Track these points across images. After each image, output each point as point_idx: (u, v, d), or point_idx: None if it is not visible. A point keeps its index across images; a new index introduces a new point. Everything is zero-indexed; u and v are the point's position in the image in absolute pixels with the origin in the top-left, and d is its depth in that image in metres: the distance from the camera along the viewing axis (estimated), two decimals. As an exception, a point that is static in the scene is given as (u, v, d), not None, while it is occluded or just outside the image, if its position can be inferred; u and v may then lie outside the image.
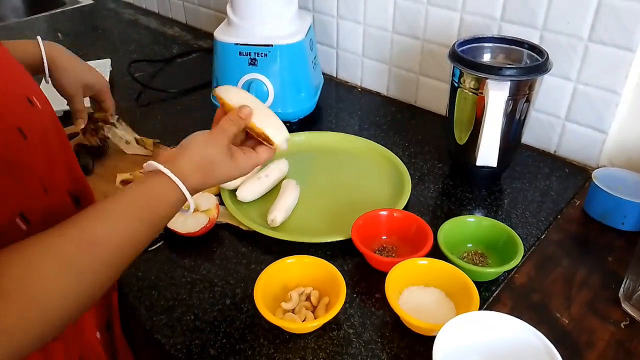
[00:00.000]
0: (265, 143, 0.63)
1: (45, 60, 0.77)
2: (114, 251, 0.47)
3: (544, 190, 0.84)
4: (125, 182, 0.85)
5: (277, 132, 0.64)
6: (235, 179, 0.61)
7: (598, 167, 0.86)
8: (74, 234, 0.45)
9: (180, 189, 0.53)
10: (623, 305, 0.65)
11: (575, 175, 0.87)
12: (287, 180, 0.82)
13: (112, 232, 0.47)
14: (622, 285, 0.65)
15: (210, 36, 0.97)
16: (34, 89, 0.52)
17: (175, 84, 1.16)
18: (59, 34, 1.47)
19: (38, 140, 0.50)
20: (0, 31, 1.51)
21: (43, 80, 0.80)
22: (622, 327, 0.62)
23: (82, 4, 1.70)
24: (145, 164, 0.54)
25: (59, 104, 0.85)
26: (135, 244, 0.49)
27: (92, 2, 1.72)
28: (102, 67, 1.22)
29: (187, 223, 0.74)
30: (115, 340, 0.64)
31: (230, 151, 0.59)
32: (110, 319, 0.64)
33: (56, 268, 0.43)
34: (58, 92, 0.82)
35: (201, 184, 0.56)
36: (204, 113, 1.06)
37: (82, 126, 0.85)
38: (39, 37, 0.78)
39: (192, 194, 0.55)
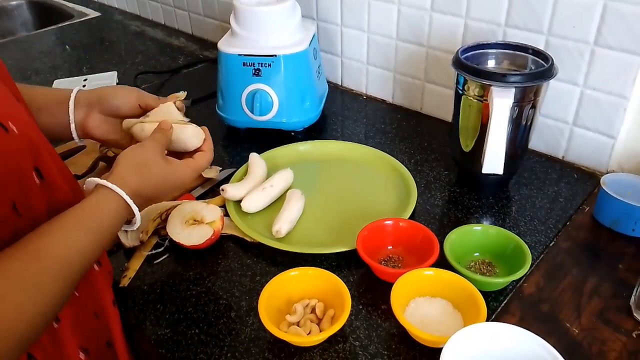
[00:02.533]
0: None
1: (73, 128, 0.71)
2: (60, 262, 0.48)
3: (553, 196, 0.83)
4: (101, 157, 0.91)
5: (194, 139, 0.70)
6: (180, 186, 0.65)
7: (607, 173, 0.85)
8: (20, 251, 0.46)
9: (119, 195, 0.56)
10: (634, 314, 0.63)
11: (584, 181, 0.86)
12: (292, 191, 0.82)
13: (55, 243, 0.49)
14: (634, 294, 0.64)
15: (216, 46, 0.98)
16: (11, 114, 0.50)
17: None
18: (67, 47, 1.49)
19: (12, 166, 0.49)
20: (11, 45, 1.53)
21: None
22: (634, 336, 0.61)
23: (89, 17, 1.72)
24: (85, 183, 0.58)
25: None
26: (82, 254, 0.51)
27: (99, 14, 1.74)
28: (109, 79, 1.23)
29: (191, 235, 0.73)
30: (119, 356, 0.64)
31: (164, 155, 0.64)
32: (110, 338, 0.64)
33: (6, 287, 0.43)
34: (124, 110, 0.74)
35: (139, 185, 0.59)
36: (211, 123, 1.05)
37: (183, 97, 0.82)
38: (71, 103, 0.70)
39: (134, 199, 0.57)
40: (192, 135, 0.70)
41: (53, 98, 0.71)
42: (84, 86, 1.19)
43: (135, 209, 0.58)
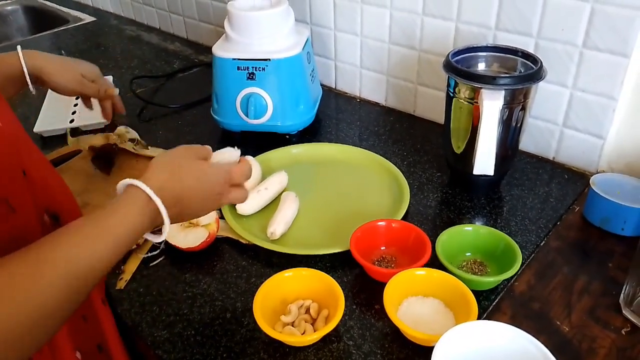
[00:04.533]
0: None
1: (26, 73, 0.78)
2: (64, 270, 0.44)
3: (543, 196, 0.84)
4: (92, 148, 0.93)
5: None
6: (211, 190, 0.59)
7: (597, 173, 0.86)
8: (26, 255, 0.43)
9: (144, 192, 0.51)
10: (624, 311, 0.64)
11: (574, 181, 0.87)
12: (286, 193, 0.83)
13: (62, 250, 0.45)
14: (623, 292, 0.65)
15: (211, 50, 0.99)
16: None
17: (177, 99, 1.18)
18: (62, 52, 1.49)
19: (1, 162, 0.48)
20: (6, 50, 1.53)
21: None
22: (623, 333, 0.62)
23: (85, 22, 1.73)
24: (118, 184, 0.54)
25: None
26: (93, 260, 0.47)
27: (94, 19, 1.75)
28: (105, 84, 1.24)
29: (187, 238, 0.74)
30: (113, 358, 0.64)
31: (196, 157, 0.60)
32: (102, 341, 0.64)
33: (7, 289, 0.41)
34: (63, 93, 0.84)
35: (166, 180, 0.54)
36: (206, 128, 1.07)
37: (117, 93, 0.90)
38: (18, 47, 0.79)
39: (163, 198, 0.52)
40: (232, 157, 0.66)
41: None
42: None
43: (160, 206, 0.52)
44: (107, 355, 0.64)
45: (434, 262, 0.68)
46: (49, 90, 1.21)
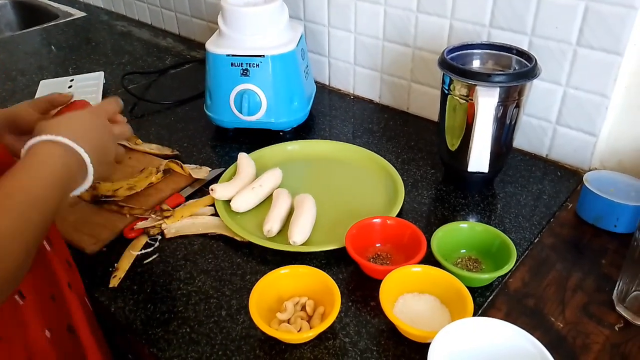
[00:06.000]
0: None
1: None
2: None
3: (537, 194, 0.85)
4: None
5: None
6: (103, 136, 0.61)
7: (590, 170, 0.87)
8: None
9: (57, 141, 0.53)
10: (617, 307, 0.65)
11: (567, 178, 0.88)
12: (278, 190, 0.83)
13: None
14: (616, 288, 0.66)
15: (203, 47, 0.98)
16: None
17: (169, 95, 1.17)
18: (53, 47, 1.48)
19: None
20: (-6, 45, 1.52)
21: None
22: (617, 329, 0.63)
23: (75, 17, 1.71)
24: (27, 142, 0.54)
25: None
26: (28, 192, 0.49)
27: (85, 14, 1.73)
28: (95, 80, 1.22)
29: None
30: (82, 343, 0.64)
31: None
32: (71, 323, 0.64)
33: None
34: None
35: (68, 125, 0.56)
36: (199, 124, 1.06)
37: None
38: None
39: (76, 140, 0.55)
40: None
41: None
42: (70, 87, 1.19)
43: (82, 152, 0.55)
44: (76, 337, 0.64)
45: (430, 259, 0.68)
46: (40, 85, 1.20)
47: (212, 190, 0.81)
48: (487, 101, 0.72)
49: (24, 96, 1.18)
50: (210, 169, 0.91)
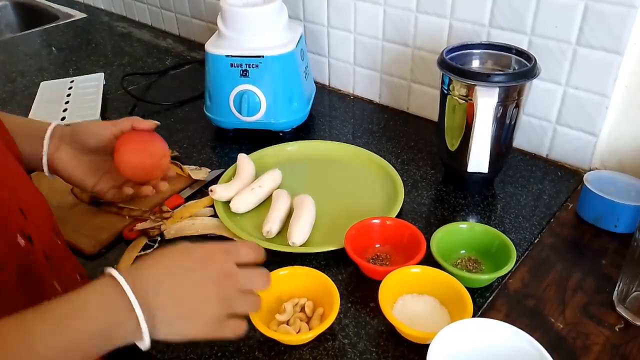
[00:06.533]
0: None
1: (45, 161, 0.69)
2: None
3: (537, 194, 0.84)
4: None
5: None
6: (200, 290, 0.51)
7: (590, 170, 0.86)
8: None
9: (118, 283, 0.45)
10: (617, 308, 0.65)
11: (567, 178, 0.88)
12: (278, 191, 0.83)
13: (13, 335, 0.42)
14: (616, 289, 0.66)
15: (203, 47, 0.98)
16: None
17: (169, 97, 1.17)
18: (53, 48, 1.48)
19: None
20: (-6, 47, 1.52)
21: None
22: (617, 330, 0.63)
23: (75, 18, 1.71)
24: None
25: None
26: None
27: (85, 15, 1.73)
28: (96, 81, 1.22)
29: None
30: None
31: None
32: None
33: None
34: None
35: (152, 273, 0.49)
36: (199, 125, 1.06)
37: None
38: (47, 136, 0.69)
39: (142, 306, 0.46)
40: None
41: (31, 130, 0.70)
42: (70, 88, 1.19)
43: (135, 304, 0.45)
44: None
45: (429, 260, 0.67)
46: (40, 87, 1.20)
47: (211, 191, 0.81)
48: (486, 101, 0.72)
49: (24, 98, 1.18)
50: (209, 170, 0.91)
